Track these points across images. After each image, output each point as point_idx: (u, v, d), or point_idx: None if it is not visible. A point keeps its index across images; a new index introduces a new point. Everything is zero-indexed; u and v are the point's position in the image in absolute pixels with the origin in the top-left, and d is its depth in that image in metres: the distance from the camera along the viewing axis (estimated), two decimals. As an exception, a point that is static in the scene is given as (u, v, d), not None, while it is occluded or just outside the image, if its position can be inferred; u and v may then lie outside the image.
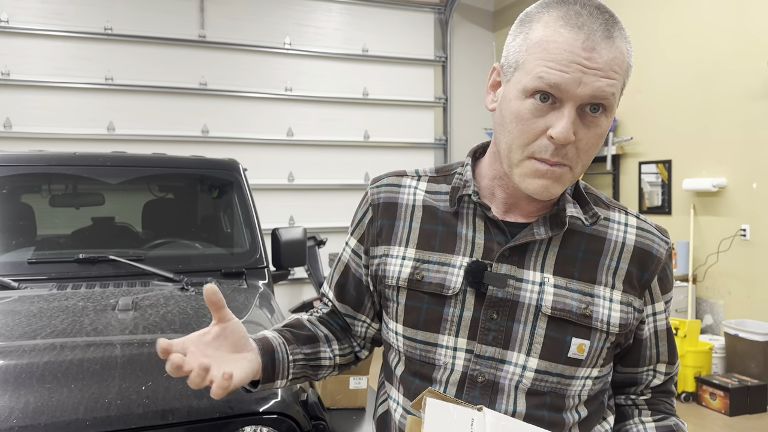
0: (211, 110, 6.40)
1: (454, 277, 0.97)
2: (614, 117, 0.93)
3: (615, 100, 0.88)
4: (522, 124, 0.88)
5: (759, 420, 4.06)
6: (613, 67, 0.86)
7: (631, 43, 0.92)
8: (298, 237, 3.01)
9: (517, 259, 0.96)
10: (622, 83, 0.89)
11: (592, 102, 0.86)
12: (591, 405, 1.00)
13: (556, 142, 0.86)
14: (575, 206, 0.97)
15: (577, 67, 0.84)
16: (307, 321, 1.13)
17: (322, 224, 6.71)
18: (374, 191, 1.09)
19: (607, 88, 0.85)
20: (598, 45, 0.85)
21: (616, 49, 0.86)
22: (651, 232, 1.01)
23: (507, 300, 0.95)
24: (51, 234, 2.84)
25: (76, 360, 1.61)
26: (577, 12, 0.86)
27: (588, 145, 0.89)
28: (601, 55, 0.85)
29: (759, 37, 4.60)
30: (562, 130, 0.85)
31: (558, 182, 0.90)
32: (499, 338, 0.95)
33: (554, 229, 0.96)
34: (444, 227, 1.01)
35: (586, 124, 0.87)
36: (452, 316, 0.97)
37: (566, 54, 0.84)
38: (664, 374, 1.05)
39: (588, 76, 0.84)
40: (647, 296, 1.00)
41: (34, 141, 5.69)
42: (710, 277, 5.04)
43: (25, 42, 5.79)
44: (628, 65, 0.89)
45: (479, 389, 0.95)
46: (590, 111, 0.87)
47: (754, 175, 4.67)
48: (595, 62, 0.84)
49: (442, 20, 7.35)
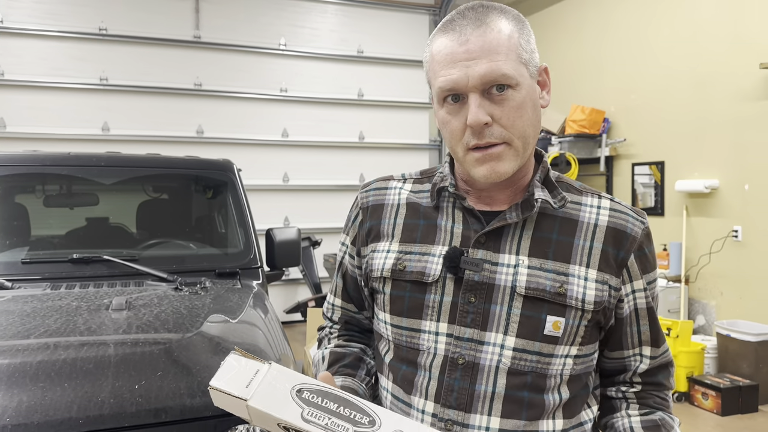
0: (206, 111, 6.41)
1: (434, 265, 1.03)
2: (543, 88, 1.02)
3: (512, 73, 0.94)
4: (448, 126, 0.99)
5: (750, 420, 4.08)
6: (494, 47, 0.93)
7: (522, 21, 0.99)
8: (292, 237, 3.01)
9: (493, 245, 1.01)
10: (515, 57, 0.95)
11: (488, 85, 0.93)
12: (573, 386, 1.02)
13: (473, 127, 0.95)
14: (543, 190, 1.03)
15: (461, 64, 0.94)
16: (339, 348, 1.19)
17: (316, 225, 6.72)
18: (363, 195, 1.18)
19: (492, 69, 0.92)
20: (471, 36, 0.94)
21: (491, 31, 0.94)
22: (625, 213, 1.05)
23: (483, 283, 0.99)
24: (45, 234, 2.84)
25: (70, 359, 1.62)
26: (451, 19, 0.98)
27: (510, 119, 0.95)
28: (475, 43, 0.93)
29: (752, 39, 4.63)
30: (472, 116, 0.94)
31: (501, 160, 0.97)
32: (477, 320, 0.99)
33: (524, 213, 1.01)
34: (425, 220, 1.08)
35: (498, 103, 0.95)
36: (433, 302, 1.02)
37: (449, 56, 0.95)
38: (650, 358, 1.07)
39: (471, 67, 0.93)
40: (625, 275, 1.02)
41: (28, 141, 5.68)
42: (702, 278, 5.07)
43: (20, 42, 5.78)
44: (517, 39, 0.96)
45: (460, 371, 0.98)
46: (496, 91, 0.94)
47: (746, 176, 4.70)
48: (472, 52, 0.93)
49: (437, 21, 7.38)
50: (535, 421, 0.98)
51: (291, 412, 0.82)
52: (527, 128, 0.97)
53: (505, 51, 0.94)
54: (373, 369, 1.18)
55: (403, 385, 1.04)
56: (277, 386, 0.84)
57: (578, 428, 1.04)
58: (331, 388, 0.85)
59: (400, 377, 1.05)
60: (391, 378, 1.07)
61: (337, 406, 0.83)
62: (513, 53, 0.94)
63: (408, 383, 1.03)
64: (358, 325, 1.22)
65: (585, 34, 6.26)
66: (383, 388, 1.10)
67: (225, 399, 0.85)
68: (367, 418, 0.83)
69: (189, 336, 1.80)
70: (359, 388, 1.09)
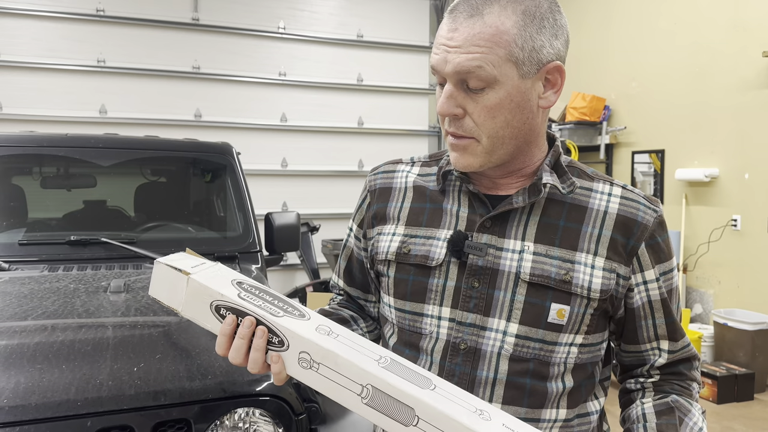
0: (204, 94, 6.35)
1: (438, 249, 1.01)
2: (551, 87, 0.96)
3: (489, 73, 0.90)
4: (437, 106, 0.98)
5: (746, 408, 4.11)
6: (477, 42, 0.90)
7: (534, 15, 0.91)
8: (291, 222, 3.00)
9: (498, 229, 0.99)
10: (504, 55, 0.90)
11: (459, 77, 0.92)
12: (578, 376, 1.00)
13: (440, 115, 0.96)
14: (552, 175, 1.00)
15: (443, 48, 0.93)
16: (330, 308, 1.19)
17: (315, 210, 6.70)
18: (371, 178, 1.17)
19: (466, 63, 0.90)
20: (461, 25, 0.92)
21: (482, 24, 0.90)
22: (637, 201, 1.02)
23: (487, 268, 0.98)
24: (42, 216, 2.82)
25: (68, 341, 1.61)
26: (457, 2, 0.95)
27: (481, 117, 0.93)
28: (461, 33, 0.91)
29: (753, 27, 4.60)
30: (439, 104, 0.95)
31: (465, 153, 0.97)
32: (480, 305, 0.98)
33: (532, 197, 0.99)
34: (431, 204, 1.07)
35: (473, 98, 0.93)
36: (436, 286, 1.01)
37: (439, 39, 0.95)
38: (668, 352, 1.04)
39: (450, 54, 0.92)
40: (635, 264, 1.00)
41: (25, 123, 5.63)
42: (701, 267, 5.08)
43: (16, 23, 5.71)
44: (514, 36, 0.90)
45: (462, 356, 0.97)
46: (470, 87, 0.92)
47: (745, 165, 4.69)
48: (455, 41, 0.91)
49: (437, 6, 7.31)
50: (538, 410, 0.97)
51: (229, 291, 0.88)
52: (500, 129, 0.93)
53: (488, 46, 0.89)
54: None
55: None
56: (220, 274, 0.92)
57: (584, 418, 1.02)
58: (269, 289, 0.91)
59: None
60: None
61: (272, 298, 0.89)
62: (500, 50, 0.89)
63: None
64: (358, 305, 1.22)
65: (586, 22, 6.21)
66: None
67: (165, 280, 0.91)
68: (297, 311, 0.88)
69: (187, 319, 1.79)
70: None
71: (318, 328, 0.85)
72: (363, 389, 0.80)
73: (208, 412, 1.54)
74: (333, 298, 1.25)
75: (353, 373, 0.81)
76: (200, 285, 0.88)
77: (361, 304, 1.21)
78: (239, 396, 1.57)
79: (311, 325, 0.86)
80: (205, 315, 0.89)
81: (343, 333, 0.86)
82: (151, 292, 0.94)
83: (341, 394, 0.82)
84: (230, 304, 0.87)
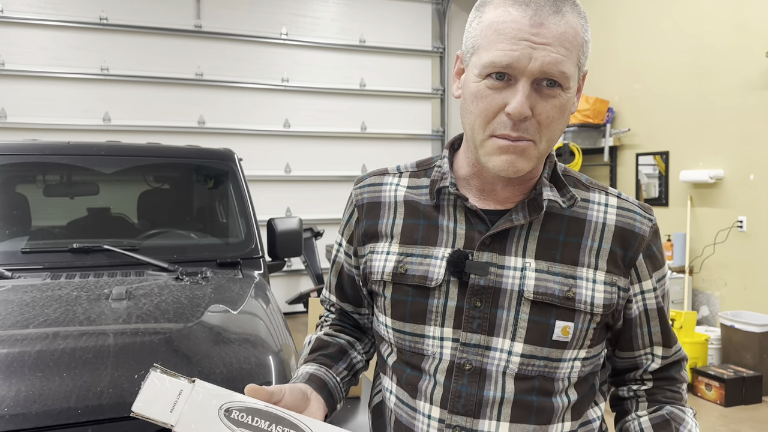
0: (208, 101, 6.38)
1: (436, 269, 0.98)
2: (577, 93, 0.94)
3: (571, 74, 0.88)
4: (481, 102, 0.90)
5: (754, 411, 4.07)
6: (563, 42, 0.86)
7: (587, 19, 0.92)
8: (294, 227, 3.00)
9: (498, 246, 0.97)
10: (576, 58, 0.89)
11: (544, 77, 0.87)
12: (581, 388, 1.00)
13: (513, 118, 0.88)
14: (552, 189, 0.98)
15: (526, 43, 0.85)
16: (326, 336, 1.16)
17: (319, 216, 6.71)
18: (357, 192, 1.12)
19: (557, 62, 0.86)
20: (546, 20, 0.86)
21: (565, 24, 0.87)
22: (633, 211, 1.01)
23: (489, 287, 0.95)
24: (45, 224, 2.82)
25: (69, 349, 1.60)
26: None
27: (548, 118, 0.89)
28: (550, 29, 0.86)
29: (756, 26, 4.58)
30: (516, 105, 0.86)
31: (522, 156, 0.90)
32: (483, 325, 0.95)
33: (532, 214, 0.96)
34: (426, 220, 1.02)
35: (544, 98, 0.88)
36: (437, 307, 0.98)
37: (515, 32, 0.86)
38: (661, 357, 1.04)
39: (537, 51, 0.85)
40: (633, 275, 0.99)
41: (28, 131, 5.67)
42: (707, 269, 5.05)
43: (20, 32, 5.75)
44: (583, 41, 0.90)
45: (467, 377, 0.95)
46: (546, 85, 0.88)
47: (751, 166, 4.66)
48: (544, 37, 0.85)
49: (439, 11, 7.32)
50: (545, 425, 0.95)
51: None
52: (557, 133, 0.92)
53: (571, 48, 0.87)
54: (358, 364, 1.14)
55: (407, 389, 1.01)
56: (204, 407, 0.81)
57: (587, 426, 1.02)
58: (262, 405, 0.82)
59: (405, 380, 1.01)
60: (395, 380, 1.04)
61: (268, 424, 0.81)
62: (575, 54, 0.88)
63: (412, 387, 1.00)
64: (352, 320, 1.19)
65: (589, 23, 6.20)
66: (386, 390, 1.07)
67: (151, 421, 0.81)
68: None
69: (190, 326, 1.79)
70: (330, 381, 1.04)
71: None
72: None
73: (210, 420, 1.53)
74: (325, 316, 1.21)
75: None
76: None
77: (355, 318, 1.19)
78: (241, 403, 1.56)
79: None
80: None
81: None
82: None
83: None
84: None
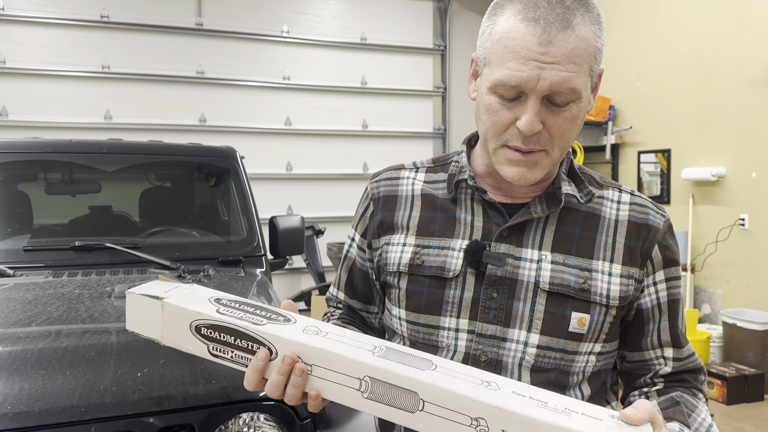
0: (209, 99, 6.37)
1: (453, 260, 0.99)
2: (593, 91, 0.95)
3: (581, 87, 0.88)
4: (493, 115, 0.91)
5: (756, 408, 4.07)
6: (573, 58, 0.86)
7: (601, 22, 0.91)
8: (295, 225, 2.99)
9: (516, 239, 0.98)
10: (588, 69, 0.89)
11: (550, 93, 0.87)
12: (594, 383, 1.00)
13: (524, 134, 0.89)
14: (570, 184, 1.00)
15: (535, 63, 0.85)
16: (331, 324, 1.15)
17: (320, 214, 6.70)
18: (374, 186, 1.13)
19: (566, 80, 0.86)
20: (555, 38, 0.85)
21: (576, 39, 0.86)
22: (646, 206, 1.03)
23: (506, 278, 0.97)
24: (47, 222, 2.82)
25: (71, 347, 1.60)
26: (535, 4, 0.86)
27: (560, 130, 0.90)
28: (558, 47, 0.85)
29: (761, 25, 4.57)
30: (526, 122, 0.87)
31: (534, 168, 0.92)
32: (499, 316, 0.96)
33: (551, 207, 0.98)
34: (443, 213, 1.04)
35: (555, 112, 0.89)
36: (453, 298, 0.98)
37: (523, 51, 0.85)
38: (673, 360, 1.02)
39: (545, 71, 0.85)
40: (648, 266, 1.00)
41: (30, 129, 5.66)
42: (708, 267, 5.04)
43: (22, 30, 5.74)
44: (595, 50, 0.89)
45: (483, 368, 0.95)
46: (557, 100, 0.88)
47: (753, 164, 4.66)
48: (552, 56, 0.85)
49: (441, 8, 7.31)
50: None
51: (207, 308, 0.84)
52: (571, 140, 0.93)
53: (581, 62, 0.87)
54: None
55: None
56: (196, 293, 0.88)
57: None
58: (251, 300, 0.87)
59: None
60: None
61: (254, 309, 0.86)
62: (587, 65, 0.88)
63: None
64: (359, 318, 1.19)
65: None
66: None
67: (140, 310, 0.86)
68: (282, 317, 0.85)
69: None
70: None
71: (305, 329, 0.82)
72: (361, 383, 0.77)
73: (212, 418, 1.53)
74: (331, 313, 1.21)
75: (348, 368, 0.78)
76: (176, 308, 0.84)
77: (363, 316, 1.18)
78: (243, 401, 1.56)
79: (297, 327, 0.83)
80: (187, 338, 0.84)
81: (333, 330, 0.83)
82: (129, 326, 0.87)
83: (340, 393, 0.79)
84: (210, 321, 0.83)
